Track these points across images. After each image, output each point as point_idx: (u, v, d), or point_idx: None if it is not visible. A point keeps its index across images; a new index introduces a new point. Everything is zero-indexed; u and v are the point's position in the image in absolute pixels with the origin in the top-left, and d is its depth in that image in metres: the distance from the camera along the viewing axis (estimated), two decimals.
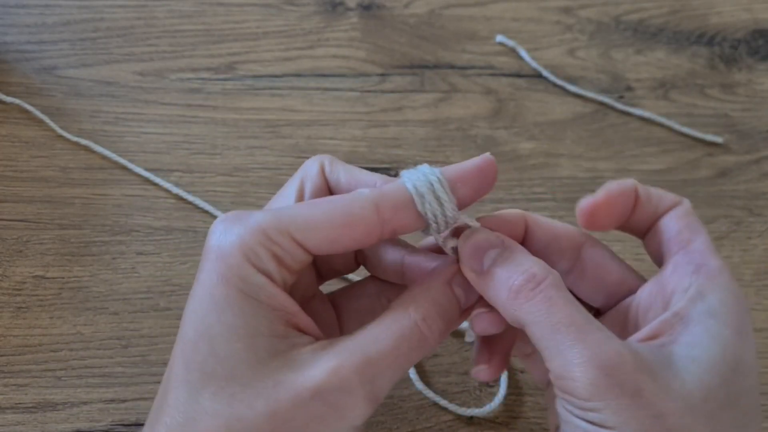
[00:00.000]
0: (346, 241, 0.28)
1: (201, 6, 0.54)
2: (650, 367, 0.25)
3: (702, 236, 0.29)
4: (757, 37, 0.55)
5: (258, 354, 0.26)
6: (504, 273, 0.27)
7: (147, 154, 0.46)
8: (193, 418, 0.26)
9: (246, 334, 0.26)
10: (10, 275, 0.41)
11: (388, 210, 0.27)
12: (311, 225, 0.27)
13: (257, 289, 0.27)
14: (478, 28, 0.54)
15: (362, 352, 0.26)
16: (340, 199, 0.28)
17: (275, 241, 0.27)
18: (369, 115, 0.49)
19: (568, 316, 0.26)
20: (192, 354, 0.26)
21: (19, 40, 0.51)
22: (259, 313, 0.27)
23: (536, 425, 0.37)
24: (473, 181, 0.29)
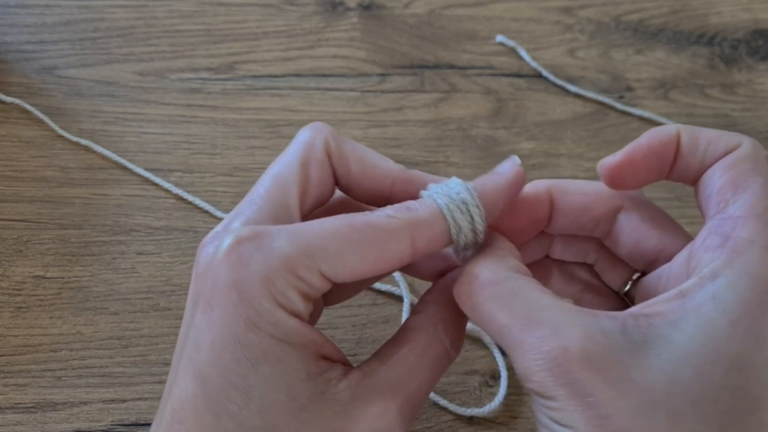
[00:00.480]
0: (377, 272, 0.26)
1: (201, 6, 0.54)
2: (608, 358, 0.23)
3: (747, 194, 0.25)
4: (757, 37, 0.55)
5: (299, 401, 0.24)
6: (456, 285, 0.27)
7: (147, 154, 0.46)
8: None
9: (285, 383, 0.24)
10: (10, 275, 0.41)
11: (423, 242, 0.26)
12: (342, 261, 0.25)
13: (291, 334, 0.24)
14: (478, 28, 0.54)
15: (404, 390, 0.26)
16: (373, 230, 0.25)
17: (304, 279, 0.24)
18: (369, 115, 0.49)
19: (506, 318, 0.24)
20: (224, 403, 0.24)
21: (19, 40, 0.51)
22: (295, 357, 0.24)
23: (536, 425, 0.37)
24: (505, 199, 0.27)
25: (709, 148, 0.26)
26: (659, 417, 0.22)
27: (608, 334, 0.23)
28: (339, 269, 0.25)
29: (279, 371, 0.24)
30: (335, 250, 0.24)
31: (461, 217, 0.26)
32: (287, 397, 0.24)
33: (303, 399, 0.24)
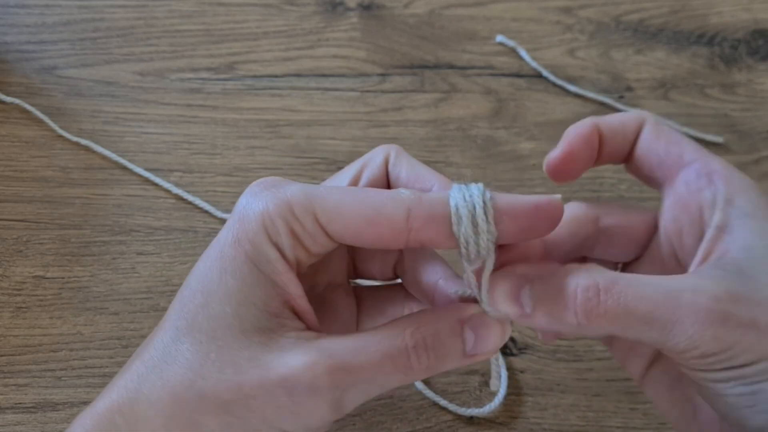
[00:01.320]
0: (369, 237, 0.26)
1: (201, 6, 0.54)
2: (737, 288, 0.26)
3: (688, 144, 0.30)
4: (757, 37, 0.55)
5: (243, 324, 0.26)
6: (554, 310, 0.26)
7: (147, 154, 0.46)
8: (167, 360, 0.26)
9: (238, 301, 0.26)
10: (10, 275, 0.41)
11: (420, 220, 0.26)
12: (338, 210, 0.26)
13: (264, 261, 0.26)
14: (478, 28, 0.54)
15: (342, 358, 0.26)
16: (377, 194, 0.27)
17: (298, 217, 0.26)
18: (369, 115, 0.49)
19: (647, 302, 0.25)
20: (188, 303, 0.27)
21: (19, 40, 0.51)
22: (259, 284, 0.26)
23: (536, 425, 0.37)
24: (524, 219, 0.26)
25: (624, 127, 0.31)
26: None
27: (716, 275, 0.26)
28: (333, 220, 0.26)
29: (238, 287, 0.26)
30: (333, 200, 0.26)
31: (465, 208, 0.26)
32: (234, 314, 0.26)
33: (248, 324, 0.26)
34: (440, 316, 0.27)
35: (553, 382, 0.39)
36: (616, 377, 0.39)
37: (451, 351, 0.27)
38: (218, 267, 0.27)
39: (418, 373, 0.27)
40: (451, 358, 0.27)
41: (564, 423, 0.37)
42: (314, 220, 0.26)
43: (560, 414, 0.38)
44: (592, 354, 0.40)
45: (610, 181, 0.47)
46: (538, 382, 0.39)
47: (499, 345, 0.28)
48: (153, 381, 0.26)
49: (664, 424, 0.38)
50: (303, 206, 0.26)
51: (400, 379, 0.27)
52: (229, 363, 0.26)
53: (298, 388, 0.25)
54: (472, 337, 0.27)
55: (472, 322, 0.27)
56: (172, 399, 0.26)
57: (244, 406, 0.25)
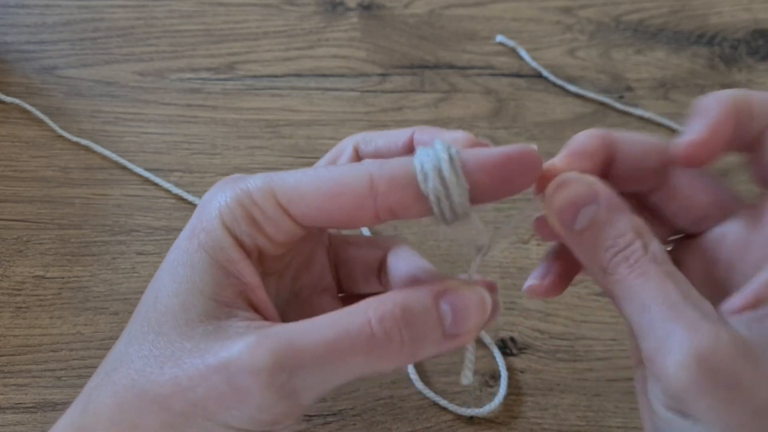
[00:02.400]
0: (334, 211, 0.24)
1: (201, 6, 0.54)
2: (752, 350, 0.22)
3: None
4: (757, 37, 0.55)
5: (189, 314, 0.24)
6: (598, 240, 0.24)
7: (147, 154, 0.46)
8: (116, 366, 0.25)
9: (187, 290, 0.25)
10: (10, 275, 0.41)
11: (384, 182, 0.24)
12: (297, 189, 0.24)
13: (218, 248, 0.25)
14: (478, 28, 0.54)
15: (289, 337, 0.23)
16: (336, 168, 0.25)
17: (257, 202, 0.25)
18: (369, 115, 0.49)
19: (662, 293, 0.23)
20: (143, 303, 0.26)
21: (19, 40, 0.51)
22: (209, 272, 0.25)
23: (536, 425, 0.37)
24: (497, 170, 0.24)
25: (763, 110, 0.26)
26: None
27: (742, 326, 0.23)
28: (293, 197, 0.24)
29: (187, 277, 0.25)
30: (292, 180, 0.25)
31: (430, 164, 0.24)
32: (181, 305, 0.24)
33: (193, 314, 0.24)
34: (409, 290, 0.24)
35: (553, 382, 0.39)
36: (616, 377, 0.39)
37: (427, 327, 0.24)
38: (171, 260, 0.26)
39: (388, 348, 0.23)
40: (429, 338, 0.24)
41: (564, 423, 0.37)
42: (275, 203, 0.25)
43: (560, 414, 0.38)
44: (592, 354, 0.40)
45: None
46: (538, 382, 0.39)
47: (480, 321, 0.25)
48: (101, 390, 0.25)
49: None
50: (261, 191, 0.25)
51: (366, 359, 0.23)
52: (170, 356, 0.24)
53: (239, 373, 0.22)
54: (449, 312, 0.24)
55: (448, 295, 0.24)
56: (115, 404, 0.24)
57: (183, 400, 0.23)
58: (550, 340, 0.40)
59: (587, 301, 0.42)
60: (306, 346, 0.22)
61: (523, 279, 0.42)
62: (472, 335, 0.25)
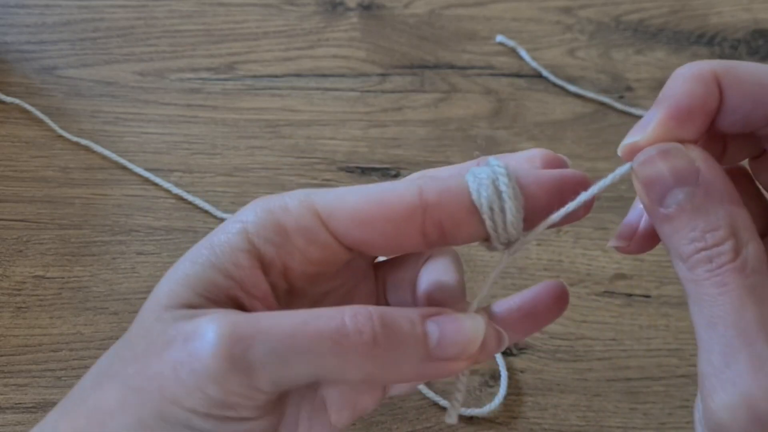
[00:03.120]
0: (379, 223, 0.22)
1: (201, 6, 0.54)
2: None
3: None
4: (757, 37, 0.55)
5: (171, 301, 0.23)
6: (684, 229, 0.21)
7: (147, 154, 0.46)
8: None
9: (177, 281, 0.24)
10: (10, 275, 0.41)
11: (434, 193, 0.22)
12: (341, 199, 0.23)
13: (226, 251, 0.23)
14: (478, 28, 0.54)
15: (256, 316, 0.22)
16: (382, 183, 0.23)
17: (291, 212, 0.23)
18: (369, 115, 0.49)
19: (737, 313, 0.20)
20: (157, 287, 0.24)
21: (19, 40, 0.51)
22: (206, 271, 0.23)
23: (536, 425, 0.37)
24: (551, 186, 0.23)
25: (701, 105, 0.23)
26: None
27: None
28: (335, 207, 0.23)
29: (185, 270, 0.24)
30: (335, 194, 0.23)
31: (486, 177, 0.23)
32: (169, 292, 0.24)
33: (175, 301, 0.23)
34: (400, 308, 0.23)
35: (553, 382, 0.39)
36: (616, 377, 0.39)
37: (407, 338, 0.22)
38: (182, 259, 0.24)
39: (359, 348, 0.21)
40: (408, 351, 0.22)
41: (564, 423, 0.37)
42: (312, 212, 0.23)
43: (560, 414, 0.38)
44: (592, 354, 0.40)
45: None
46: (538, 382, 0.39)
47: (470, 350, 0.23)
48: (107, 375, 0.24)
49: (665, 424, 0.38)
50: (298, 200, 0.23)
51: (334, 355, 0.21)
52: (142, 336, 0.23)
53: (196, 339, 0.21)
54: (436, 330, 0.22)
55: (440, 316, 0.23)
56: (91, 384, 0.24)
57: (143, 376, 0.22)
58: (550, 340, 0.40)
59: (587, 301, 0.42)
60: (270, 324, 0.21)
61: (523, 279, 0.42)
62: (462, 364, 0.23)
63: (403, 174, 0.46)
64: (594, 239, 0.44)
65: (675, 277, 0.43)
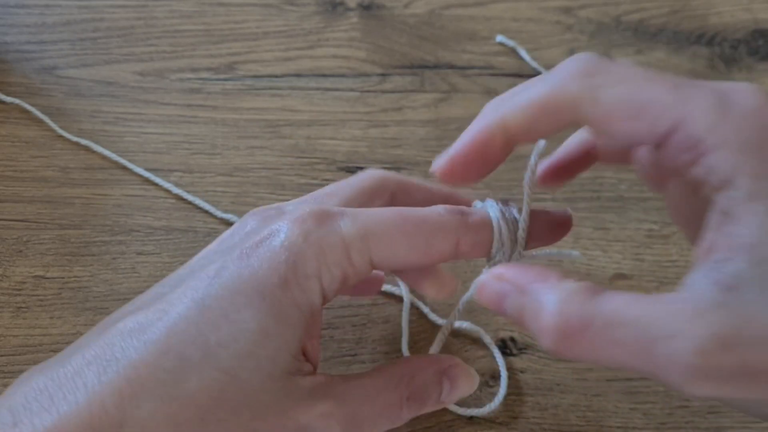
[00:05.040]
0: (417, 265, 0.27)
1: (201, 6, 0.54)
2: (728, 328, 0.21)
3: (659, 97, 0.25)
4: (757, 37, 0.55)
5: (275, 369, 0.25)
6: (535, 320, 0.24)
7: (147, 154, 0.46)
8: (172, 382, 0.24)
9: (275, 347, 0.25)
10: (10, 275, 0.41)
11: (467, 246, 0.28)
12: (391, 248, 0.26)
13: (309, 310, 0.26)
14: (478, 28, 0.54)
15: (352, 407, 0.27)
16: (424, 224, 0.26)
17: (353, 260, 0.26)
18: (369, 115, 0.49)
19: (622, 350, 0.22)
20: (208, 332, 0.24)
21: (19, 40, 0.51)
22: (296, 329, 0.25)
23: (536, 425, 0.37)
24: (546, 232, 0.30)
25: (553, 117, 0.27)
26: None
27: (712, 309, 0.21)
28: (387, 256, 0.26)
29: (276, 332, 0.25)
30: (388, 239, 0.26)
31: (507, 233, 0.28)
32: (270, 359, 0.25)
33: (279, 369, 0.25)
34: (425, 367, 0.30)
35: (553, 382, 0.39)
36: (616, 377, 0.39)
37: (431, 400, 0.30)
38: (257, 307, 0.24)
39: (403, 419, 0.29)
40: (428, 406, 0.30)
41: (564, 423, 0.38)
42: (368, 260, 0.26)
43: (560, 414, 0.38)
44: None
45: (610, 181, 0.47)
46: (538, 382, 0.39)
47: (467, 394, 0.32)
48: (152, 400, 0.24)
49: (665, 424, 0.38)
50: (359, 250, 0.26)
51: (388, 425, 0.29)
52: (248, 405, 0.24)
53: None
54: (448, 386, 0.30)
55: (450, 372, 0.30)
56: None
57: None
58: None
59: None
60: (363, 416, 0.27)
61: None
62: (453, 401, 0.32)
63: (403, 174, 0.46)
64: (594, 239, 0.44)
65: (675, 277, 0.43)
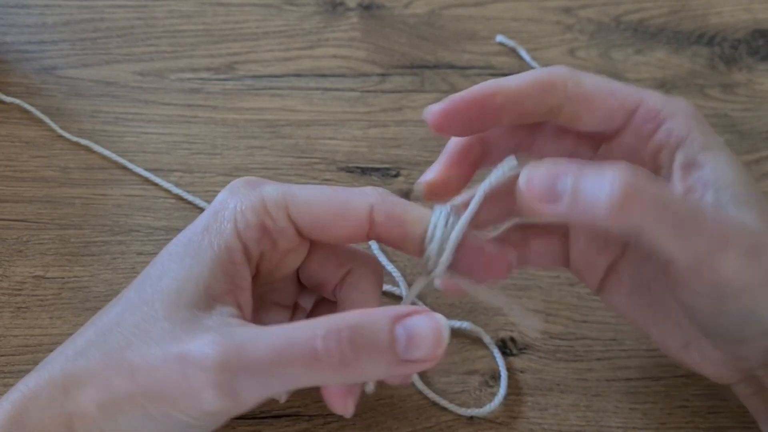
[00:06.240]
0: (335, 230, 0.29)
1: (201, 6, 0.54)
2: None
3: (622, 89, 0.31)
4: (757, 37, 0.55)
5: (180, 299, 0.27)
6: (595, 187, 0.25)
7: (147, 154, 0.46)
8: (112, 329, 0.28)
9: (185, 278, 0.27)
10: (10, 275, 0.41)
11: (381, 215, 0.28)
12: (308, 205, 0.29)
13: (225, 250, 0.28)
14: (478, 28, 0.54)
15: (241, 341, 0.25)
16: (344, 191, 0.29)
17: (270, 212, 0.29)
18: (369, 115, 0.49)
19: (681, 207, 0.25)
20: (145, 277, 0.29)
21: (19, 40, 0.51)
22: (211, 269, 0.28)
23: (536, 425, 0.37)
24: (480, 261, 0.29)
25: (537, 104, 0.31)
26: None
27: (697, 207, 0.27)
28: (303, 211, 0.29)
29: (191, 266, 0.28)
30: (305, 196, 0.29)
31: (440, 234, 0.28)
32: (177, 289, 0.27)
33: (183, 299, 0.27)
34: (362, 311, 0.26)
35: (553, 382, 0.39)
36: (616, 377, 0.39)
37: (376, 349, 0.25)
38: (183, 245, 0.29)
39: (328, 365, 0.24)
40: (378, 356, 0.25)
41: (564, 423, 0.38)
42: (286, 215, 0.29)
43: (560, 414, 0.38)
44: (592, 354, 0.40)
45: None
46: (538, 382, 0.39)
47: (434, 352, 0.25)
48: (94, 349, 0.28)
49: (665, 424, 0.38)
50: (276, 203, 0.29)
51: (306, 373, 0.25)
52: (150, 332, 0.27)
53: (190, 366, 0.25)
54: (404, 335, 0.25)
55: (407, 321, 0.25)
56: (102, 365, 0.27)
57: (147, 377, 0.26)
58: (550, 340, 0.40)
59: (587, 301, 0.42)
60: (253, 352, 0.25)
61: (523, 279, 0.42)
62: (430, 365, 0.26)
63: (403, 174, 0.46)
64: None
65: None
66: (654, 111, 0.30)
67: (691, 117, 0.30)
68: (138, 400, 0.26)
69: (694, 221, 0.25)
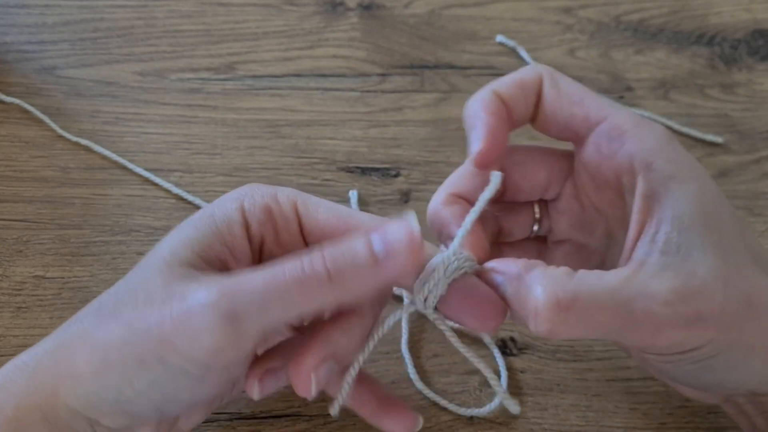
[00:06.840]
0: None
1: (201, 6, 0.54)
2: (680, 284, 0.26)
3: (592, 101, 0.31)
4: (757, 37, 0.55)
5: (173, 259, 0.28)
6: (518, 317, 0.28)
7: (147, 154, 0.46)
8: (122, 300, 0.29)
9: (181, 242, 0.28)
10: (10, 275, 0.41)
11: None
12: (317, 206, 0.30)
13: (224, 220, 0.29)
14: (478, 28, 0.54)
15: (236, 279, 0.26)
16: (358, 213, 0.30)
17: (279, 201, 0.29)
18: (369, 115, 0.49)
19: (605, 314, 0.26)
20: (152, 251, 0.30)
21: (19, 40, 0.51)
22: (207, 236, 0.28)
23: (536, 425, 0.37)
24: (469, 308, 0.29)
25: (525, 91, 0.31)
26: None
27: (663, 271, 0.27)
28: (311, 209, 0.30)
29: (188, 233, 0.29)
30: (317, 200, 0.30)
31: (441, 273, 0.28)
32: (171, 251, 0.28)
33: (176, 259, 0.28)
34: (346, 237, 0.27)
35: (553, 382, 0.39)
36: (616, 377, 0.39)
37: (358, 255, 0.26)
38: (185, 224, 0.30)
39: (318, 284, 0.26)
40: (360, 263, 0.26)
41: (564, 423, 0.37)
42: (294, 207, 0.29)
43: (560, 414, 0.38)
44: (592, 354, 0.40)
45: None
46: (538, 382, 0.39)
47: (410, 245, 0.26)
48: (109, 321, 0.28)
49: (665, 424, 0.38)
50: (287, 195, 0.30)
51: (302, 295, 0.26)
52: (143, 285, 0.28)
53: (193, 303, 0.25)
54: (379, 239, 0.26)
55: (380, 229, 0.27)
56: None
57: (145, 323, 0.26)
58: (550, 340, 0.40)
59: None
60: (248, 283, 0.26)
61: None
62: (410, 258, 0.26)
63: (403, 174, 0.46)
64: None
65: None
66: (618, 129, 0.29)
67: (661, 142, 0.29)
68: (131, 347, 0.26)
69: (622, 317, 0.26)
